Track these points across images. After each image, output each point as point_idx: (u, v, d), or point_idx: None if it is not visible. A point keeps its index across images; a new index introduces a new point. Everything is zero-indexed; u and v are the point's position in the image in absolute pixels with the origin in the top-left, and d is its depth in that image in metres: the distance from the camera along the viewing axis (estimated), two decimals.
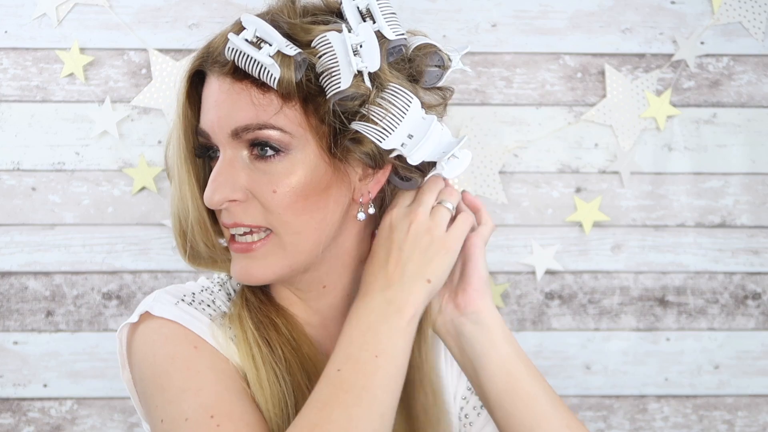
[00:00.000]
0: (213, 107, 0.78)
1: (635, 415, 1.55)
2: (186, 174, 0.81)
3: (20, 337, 1.52)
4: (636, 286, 1.55)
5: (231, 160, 0.78)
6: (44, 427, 1.52)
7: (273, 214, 0.78)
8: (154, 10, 1.50)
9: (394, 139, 0.76)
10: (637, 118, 1.52)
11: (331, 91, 0.75)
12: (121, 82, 1.51)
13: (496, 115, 1.53)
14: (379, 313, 0.77)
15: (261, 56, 0.73)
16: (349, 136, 0.77)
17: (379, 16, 0.78)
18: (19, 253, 1.51)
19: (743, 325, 1.56)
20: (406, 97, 0.76)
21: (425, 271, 0.79)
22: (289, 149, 0.77)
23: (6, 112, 1.50)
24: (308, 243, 0.79)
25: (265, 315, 0.85)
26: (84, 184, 1.51)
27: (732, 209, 1.55)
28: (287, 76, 0.74)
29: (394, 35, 0.78)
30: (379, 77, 0.77)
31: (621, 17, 1.53)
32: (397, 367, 0.75)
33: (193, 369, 0.77)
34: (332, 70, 0.74)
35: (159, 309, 0.81)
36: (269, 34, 0.74)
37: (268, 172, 0.77)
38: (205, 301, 0.85)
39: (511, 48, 1.53)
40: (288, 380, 0.81)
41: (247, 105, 0.76)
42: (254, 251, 0.79)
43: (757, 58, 1.53)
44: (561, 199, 1.54)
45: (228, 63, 0.76)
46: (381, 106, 0.76)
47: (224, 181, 0.77)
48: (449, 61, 0.83)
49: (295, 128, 0.76)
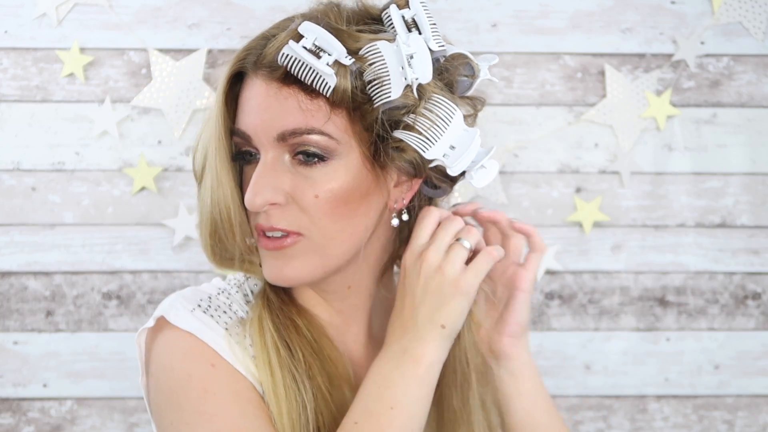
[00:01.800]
0: (256, 110, 0.78)
1: (635, 415, 1.55)
2: (226, 175, 0.81)
3: (20, 337, 1.52)
4: (636, 286, 1.55)
5: (273, 163, 0.78)
6: (44, 427, 1.52)
7: (311, 218, 0.78)
8: (154, 10, 1.50)
9: (437, 149, 0.77)
10: (637, 118, 1.52)
11: (380, 100, 0.76)
12: (121, 82, 1.51)
13: (496, 115, 1.53)
14: (395, 364, 0.76)
15: (320, 65, 0.73)
16: (392, 145, 0.77)
17: (426, 26, 0.79)
18: (19, 253, 1.51)
19: (743, 325, 1.56)
20: (450, 108, 0.77)
21: (438, 316, 0.77)
22: (334, 155, 0.77)
23: (6, 112, 1.50)
24: (342, 247, 0.80)
25: (287, 316, 0.85)
26: (84, 184, 1.51)
27: (732, 209, 1.54)
28: (342, 85, 0.75)
29: (438, 47, 0.79)
30: (423, 88, 0.77)
31: (621, 17, 1.53)
32: (412, 417, 0.75)
33: (210, 391, 0.77)
34: (383, 80, 0.75)
35: (175, 316, 0.81)
36: (330, 44, 0.75)
37: (311, 177, 0.77)
38: (221, 306, 0.85)
39: (511, 48, 1.53)
40: (307, 384, 0.81)
41: (295, 110, 0.76)
42: (284, 249, 0.79)
43: (757, 58, 1.53)
44: (561, 199, 1.54)
45: (279, 68, 0.77)
46: (425, 116, 0.77)
47: (266, 184, 0.77)
48: (479, 71, 0.83)
49: (341, 135, 0.77)
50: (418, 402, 0.76)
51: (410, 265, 0.79)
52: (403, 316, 0.78)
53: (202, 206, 0.83)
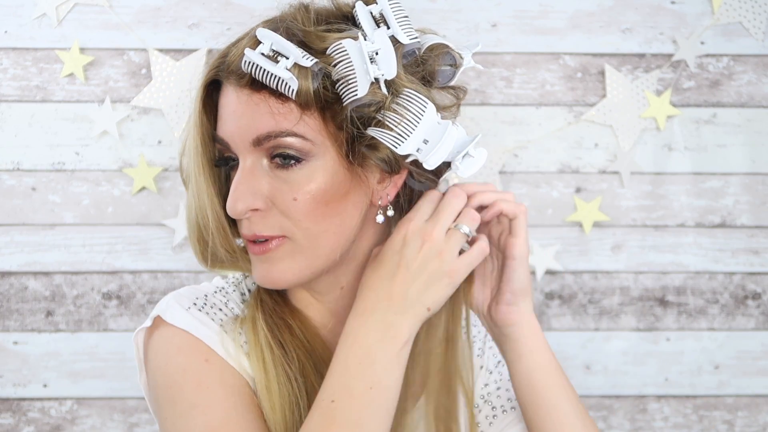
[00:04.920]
0: (231, 117, 0.78)
1: (635, 415, 1.55)
2: (204, 182, 0.82)
3: (20, 337, 1.52)
4: (636, 286, 1.55)
5: (251, 168, 0.78)
6: (44, 427, 1.52)
7: (293, 221, 0.78)
8: (154, 10, 1.50)
9: (410, 144, 0.76)
10: (637, 118, 1.52)
11: (347, 99, 0.75)
12: (121, 82, 1.51)
13: (496, 115, 1.53)
14: (377, 337, 0.76)
15: (278, 70, 0.74)
16: (365, 142, 0.77)
17: (393, 20, 0.78)
18: (19, 253, 1.51)
19: (743, 325, 1.56)
20: (421, 102, 0.77)
21: (427, 297, 0.77)
22: (310, 156, 0.77)
23: (6, 112, 1.50)
24: (326, 247, 0.80)
25: (280, 317, 0.85)
26: (84, 184, 1.51)
27: (732, 209, 1.55)
28: (305, 86, 0.75)
29: (408, 39, 0.78)
30: (394, 83, 0.77)
31: (621, 17, 1.53)
32: (389, 398, 0.75)
33: (204, 384, 0.78)
34: (349, 78, 0.75)
35: (171, 315, 0.82)
36: (285, 48, 0.75)
37: (289, 180, 0.78)
38: (217, 304, 0.86)
39: (511, 48, 1.53)
40: (301, 381, 0.81)
41: (267, 114, 0.76)
42: (270, 252, 0.79)
43: (757, 58, 1.53)
44: (561, 199, 1.54)
45: (245, 75, 0.77)
46: (396, 112, 0.77)
47: (245, 190, 0.78)
48: (461, 60, 0.83)
49: (315, 135, 0.77)
50: (395, 384, 0.76)
51: (411, 235, 0.79)
52: (393, 287, 0.78)
53: (188, 212, 0.84)
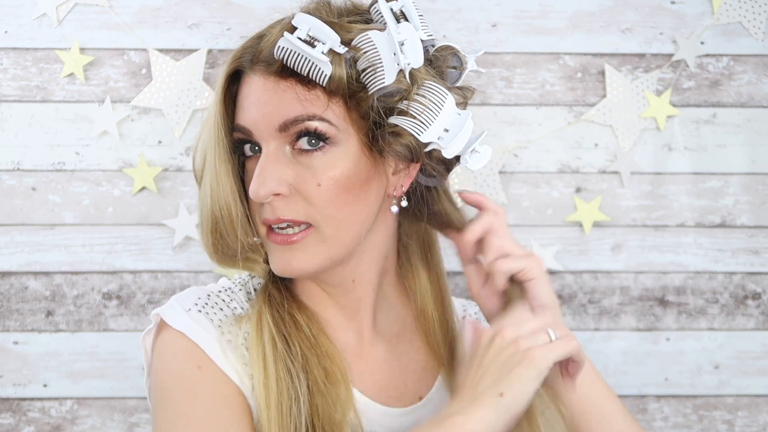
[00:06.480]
0: (256, 105, 0.80)
1: (635, 414, 1.55)
2: (225, 172, 0.83)
3: (20, 337, 1.52)
4: (636, 286, 1.55)
5: (275, 154, 0.80)
6: (44, 427, 1.52)
7: (316, 207, 0.80)
8: (154, 10, 1.50)
9: (432, 132, 0.79)
10: (637, 118, 1.52)
11: (374, 86, 0.78)
12: (121, 82, 1.51)
13: (496, 115, 1.53)
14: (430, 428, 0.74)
15: (315, 54, 0.75)
16: (388, 130, 0.79)
17: (414, 17, 0.82)
18: (19, 253, 1.51)
19: (743, 325, 1.56)
20: (442, 93, 0.80)
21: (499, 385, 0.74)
22: (334, 142, 0.79)
23: (6, 112, 1.50)
24: (349, 235, 0.81)
25: (287, 311, 0.86)
26: (84, 184, 1.51)
27: (732, 209, 1.55)
28: (338, 72, 0.77)
29: (426, 36, 0.82)
30: (415, 75, 0.80)
31: (621, 17, 1.53)
32: None
33: (192, 393, 0.79)
34: (376, 67, 0.78)
35: (170, 316, 0.83)
36: (324, 33, 0.77)
37: (312, 166, 0.79)
38: (219, 304, 0.86)
39: (511, 48, 1.53)
40: (302, 377, 0.82)
41: (294, 101, 0.78)
42: (295, 243, 0.81)
43: (757, 58, 1.53)
44: (561, 199, 1.54)
45: (275, 62, 0.79)
46: (419, 101, 0.79)
47: (270, 175, 0.79)
48: (466, 62, 0.86)
49: (340, 122, 0.79)
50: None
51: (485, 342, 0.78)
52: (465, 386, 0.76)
53: (203, 204, 0.85)
